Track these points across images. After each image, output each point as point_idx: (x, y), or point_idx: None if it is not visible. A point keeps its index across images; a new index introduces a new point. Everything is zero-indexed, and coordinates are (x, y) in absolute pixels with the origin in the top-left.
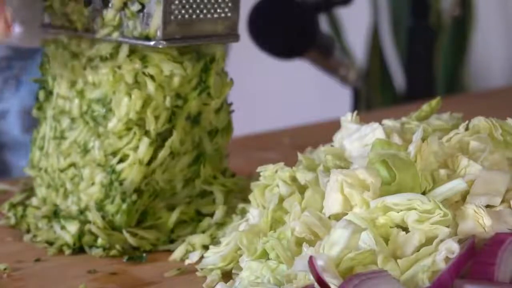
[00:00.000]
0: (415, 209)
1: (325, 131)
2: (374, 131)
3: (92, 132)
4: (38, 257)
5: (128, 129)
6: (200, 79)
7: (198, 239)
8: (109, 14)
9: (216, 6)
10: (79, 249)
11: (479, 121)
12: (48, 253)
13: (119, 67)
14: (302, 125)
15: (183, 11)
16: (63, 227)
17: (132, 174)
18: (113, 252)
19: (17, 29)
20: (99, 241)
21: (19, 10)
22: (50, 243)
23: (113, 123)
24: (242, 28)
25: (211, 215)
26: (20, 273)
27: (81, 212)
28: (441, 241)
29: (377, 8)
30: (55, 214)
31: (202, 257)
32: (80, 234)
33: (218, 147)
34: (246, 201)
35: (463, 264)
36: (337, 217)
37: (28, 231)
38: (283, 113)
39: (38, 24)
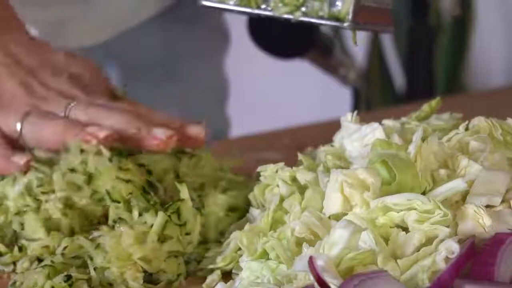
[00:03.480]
0: (415, 209)
1: (325, 131)
2: (374, 131)
3: None
4: None
5: None
6: None
7: None
8: None
9: None
10: None
11: (479, 121)
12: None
13: None
14: (302, 125)
15: None
16: None
17: None
18: None
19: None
20: None
21: None
22: None
23: None
24: (243, 28)
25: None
26: None
27: None
28: (441, 241)
29: None
30: None
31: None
32: None
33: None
34: (247, 201)
35: (463, 264)
36: (337, 217)
37: None
38: (283, 113)
39: None
